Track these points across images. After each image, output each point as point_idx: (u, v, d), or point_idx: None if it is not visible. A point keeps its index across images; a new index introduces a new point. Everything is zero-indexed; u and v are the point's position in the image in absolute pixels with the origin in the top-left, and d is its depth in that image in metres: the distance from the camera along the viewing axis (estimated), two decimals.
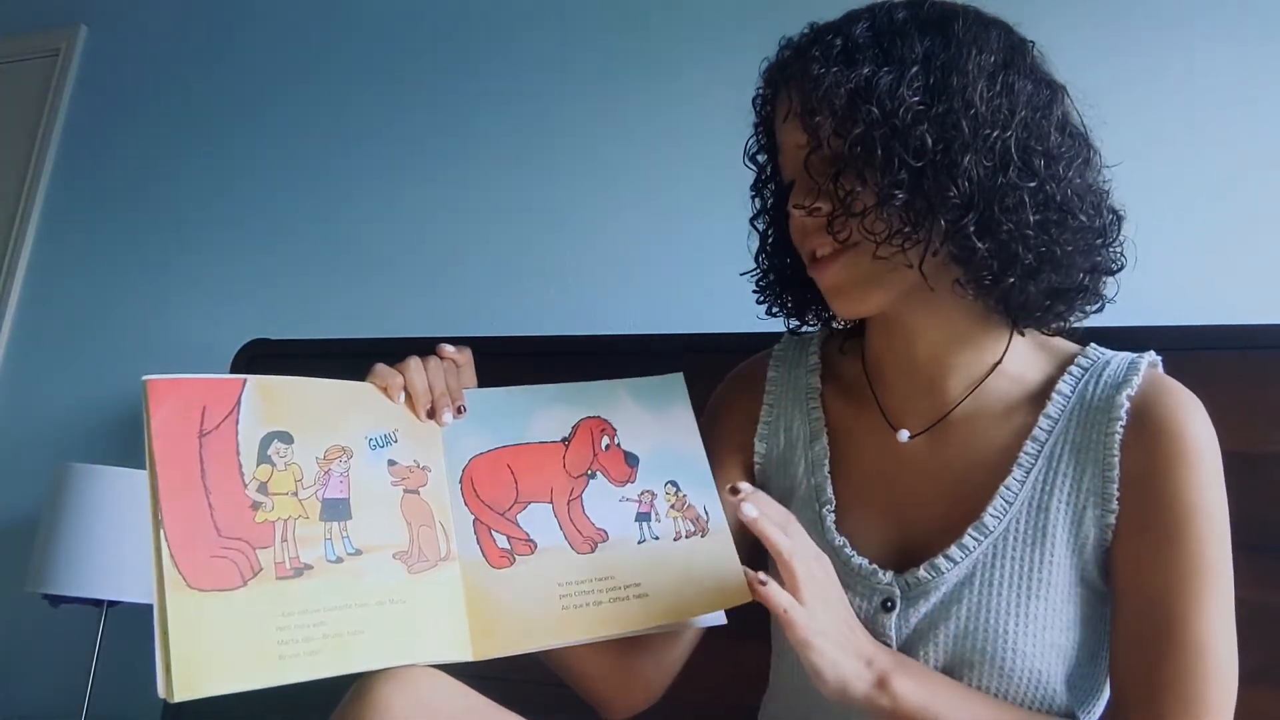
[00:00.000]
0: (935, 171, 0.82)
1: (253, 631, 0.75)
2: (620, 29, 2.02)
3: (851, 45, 0.86)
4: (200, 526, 0.77)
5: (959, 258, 0.85)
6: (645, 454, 0.98)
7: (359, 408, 0.88)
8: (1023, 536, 0.88)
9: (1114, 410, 0.88)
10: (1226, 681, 0.83)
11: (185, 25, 2.44)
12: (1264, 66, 1.58)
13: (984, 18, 0.90)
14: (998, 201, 0.82)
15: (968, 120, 0.82)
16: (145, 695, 1.90)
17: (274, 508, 0.80)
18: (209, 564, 0.76)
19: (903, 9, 0.89)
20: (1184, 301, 1.48)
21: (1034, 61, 0.89)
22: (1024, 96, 0.85)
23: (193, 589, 0.74)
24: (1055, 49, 0.93)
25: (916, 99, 0.83)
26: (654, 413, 1.00)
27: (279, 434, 0.82)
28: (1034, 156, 0.83)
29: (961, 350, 0.93)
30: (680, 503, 0.96)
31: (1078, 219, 0.85)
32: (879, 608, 0.90)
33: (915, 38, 0.85)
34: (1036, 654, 0.85)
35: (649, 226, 1.90)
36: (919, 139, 0.82)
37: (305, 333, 2.04)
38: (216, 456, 0.79)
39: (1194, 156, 1.58)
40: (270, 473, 0.81)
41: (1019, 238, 0.83)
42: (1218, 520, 0.85)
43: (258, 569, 0.77)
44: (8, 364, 2.37)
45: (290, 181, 2.22)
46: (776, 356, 1.07)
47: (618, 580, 0.89)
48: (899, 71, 0.83)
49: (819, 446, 0.99)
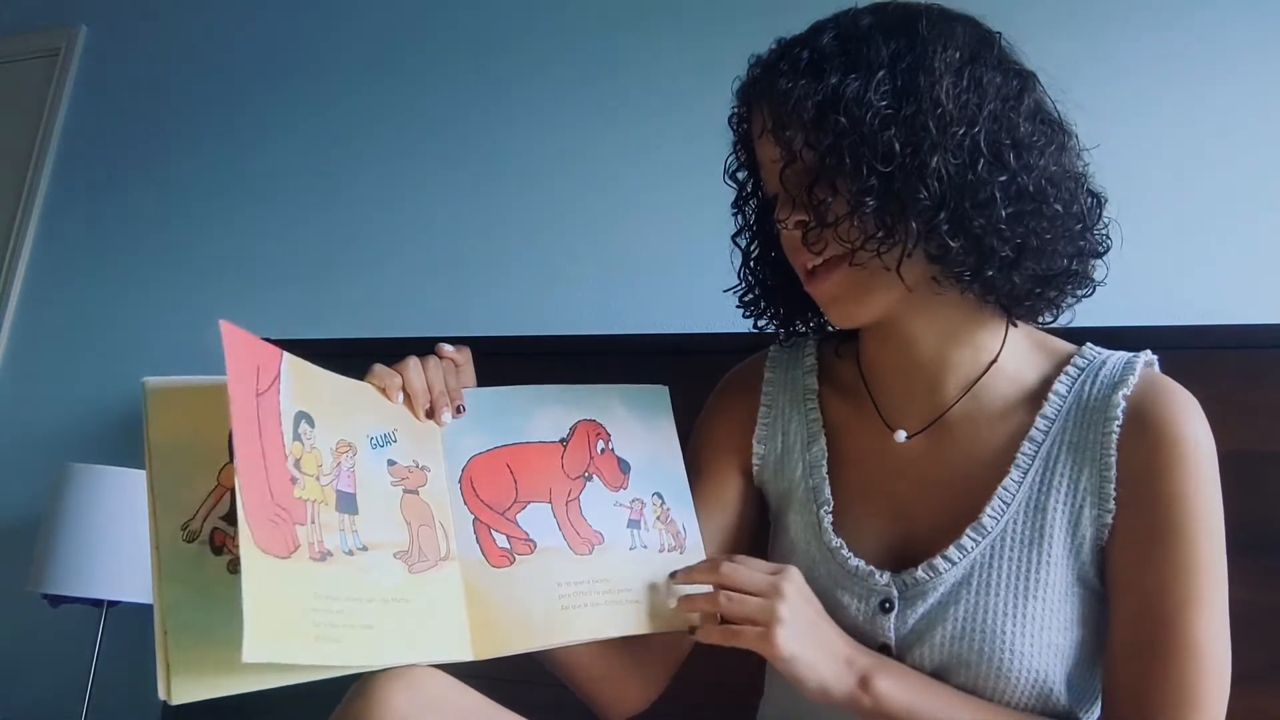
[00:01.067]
0: (905, 174, 0.82)
1: (297, 606, 0.72)
2: (620, 28, 2.02)
3: (818, 56, 0.86)
4: (260, 487, 0.73)
5: (935, 257, 0.85)
6: (636, 462, 0.98)
7: (361, 406, 0.88)
8: (1020, 537, 0.88)
9: (1110, 410, 0.88)
10: (1220, 680, 0.83)
11: (185, 25, 2.44)
12: (1266, 64, 1.58)
13: (948, 13, 0.89)
14: (969, 198, 0.82)
15: (934, 120, 0.82)
16: (145, 695, 1.90)
17: (305, 487, 0.78)
18: (268, 526, 0.72)
19: (867, 14, 0.89)
20: (1183, 301, 1.48)
21: (1002, 52, 0.89)
22: (992, 89, 0.85)
23: (258, 547, 0.70)
24: (1050, 48, 0.93)
25: (884, 103, 0.83)
26: (642, 422, 1.00)
27: (305, 415, 0.80)
28: (1004, 149, 0.83)
29: (958, 349, 0.93)
30: (664, 515, 0.96)
31: (1052, 207, 0.84)
32: (877, 609, 0.90)
33: (880, 41, 0.85)
34: (1034, 654, 0.85)
35: (650, 226, 1.90)
36: (886, 144, 0.82)
37: (305, 333, 2.04)
38: (269, 419, 0.76)
39: (1193, 156, 1.58)
40: (301, 451, 0.79)
41: (993, 231, 0.83)
42: (1213, 520, 0.85)
43: (297, 544, 0.74)
44: (8, 364, 2.37)
45: (290, 181, 2.23)
46: (772, 359, 1.07)
47: (613, 584, 0.90)
48: (865, 78, 0.83)
49: (816, 448, 0.99)
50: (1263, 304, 1.46)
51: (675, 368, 1.21)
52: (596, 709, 0.99)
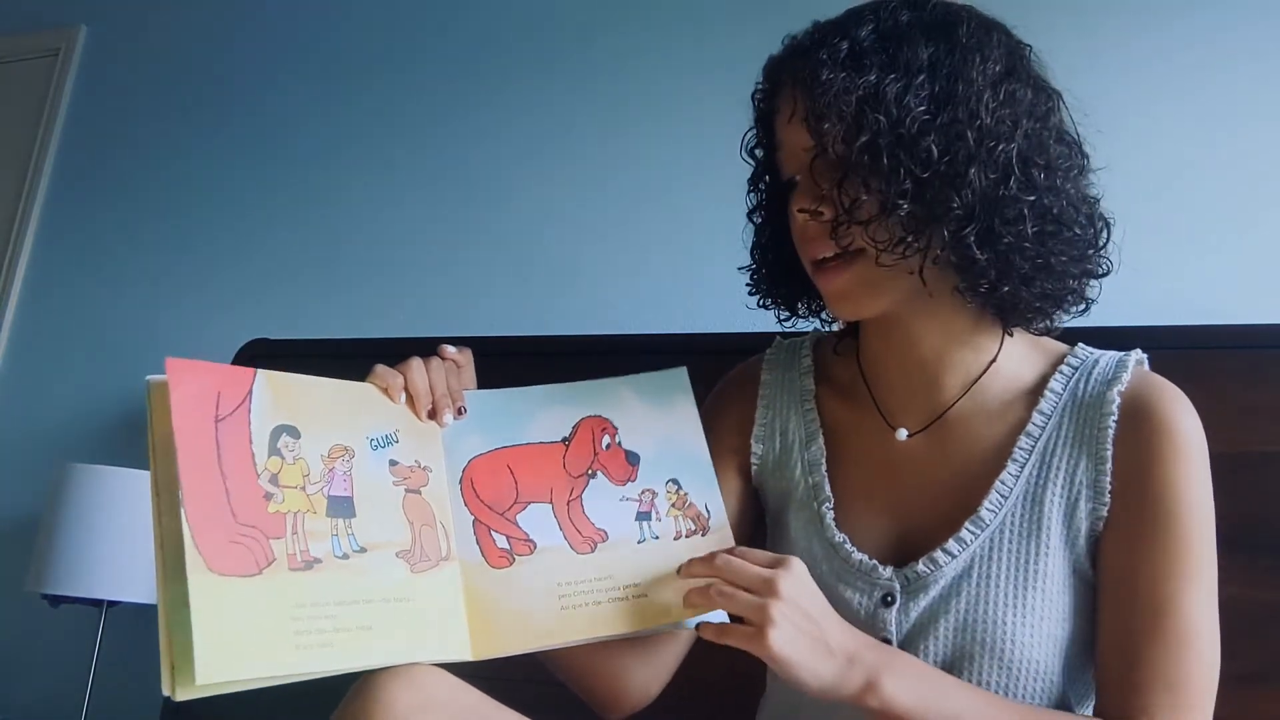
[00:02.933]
0: (940, 182, 0.83)
1: (270, 620, 0.74)
2: (618, 27, 2.02)
3: (858, 49, 0.85)
4: (219, 510, 0.75)
5: (959, 266, 0.86)
6: (648, 451, 0.98)
7: (361, 408, 0.88)
8: (1018, 529, 0.89)
9: (1106, 405, 0.90)
10: (1209, 667, 0.84)
11: (185, 25, 2.44)
12: (1265, 64, 1.58)
13: (985, 21, 0.90)
14: (999, 213, 0.83)
15: (973, 131, 0.83)
16: (145, 695, 1.90)
17: (284, 500, 0.79)
18: (228, 548, 0.74)
19: (906, 10, 0.88)
20: (1182, 301, 1.48)
21: (1032, 67, 0.90)
22: (1025, 105, 0.86)
23: (213, 572, 0.73)
24: (1049, 48, 0.94)
25: (923, 108, 0.83)
26: (657, 408, 1.00)
27: (287, 428, 0.82)
28: (1034, 169, 0.85)
29: (959, 350, 0.95)
30: (681, 501, 0.96)
31: (1072, 230, 0.86)
32: (879, 603, 0.90)
33: (921, 43, 0.85)
34: (1035, 644, 0.86)
35: (649, 225, 1.90)
36: (925, 150, 0.82)
37: (305, 333, 2.04)
38: (232, 443, 0.79)
39: (1193, 155, 1.58)
40: (280, 465, 0.80)
41: (1017, 249, 0.84)
42: (1204, 511, 0.87)
43: (272, 558, 0.76)
44: (8, 364, 2.37)
45: (290, 181, 2.22)
46: (768, 360, 1.07)
47: (616, 580, 0.90)
48: (906, 79, 0.83)
49: (815, 447, 1.00)
50: (1263, 304, 1.46)
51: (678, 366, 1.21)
52: (596, 706, 0.99)
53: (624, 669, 0.97)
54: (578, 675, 0.96)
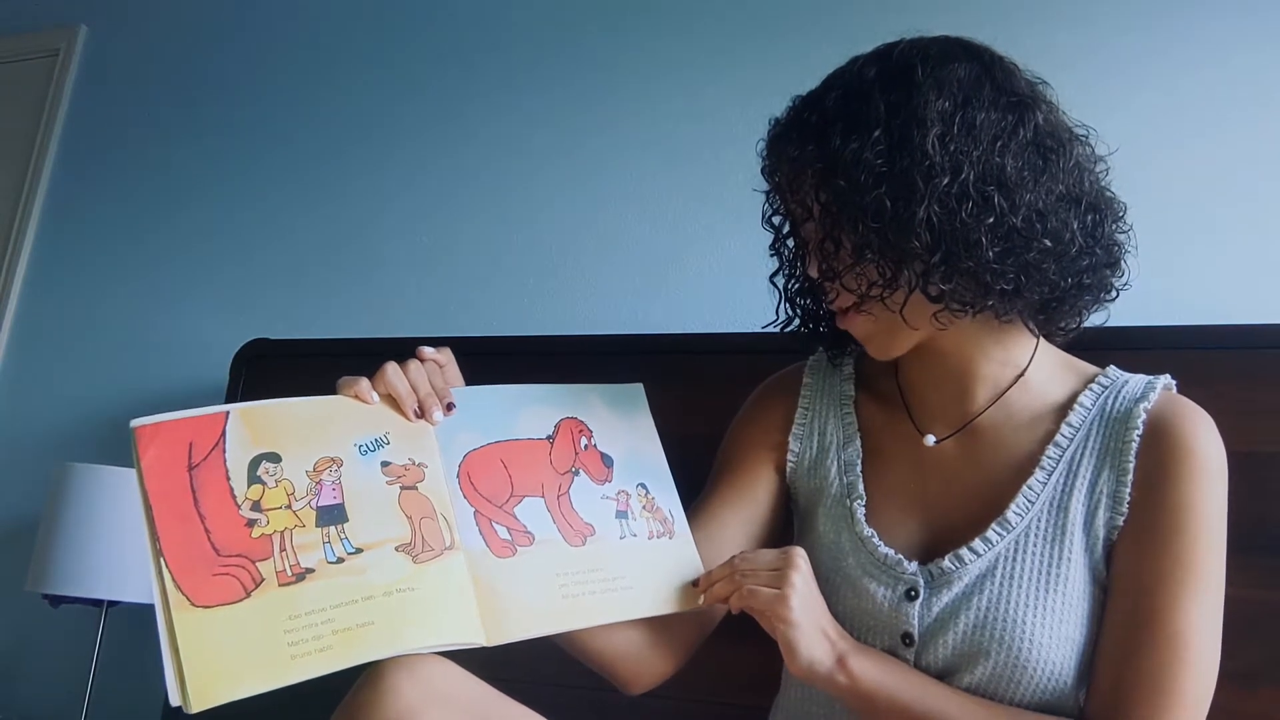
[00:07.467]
0: (897, 226, 0.87)
1: (262, 637, 0.78)
2: (617, 26, 2.02)
3: (825, 118, 0.92)
4: (198, 550, 0.81)
5: (934, 298, 0.90)
6: (618, 456, 1.02)
7: (342, 419, 0.92)
8: (1044, 533, 0.92)
9: (1132, 421, 0.94)
10: (1203, 678, 0.86)
11: (185, 25, 2.44)
12: (1265, 63, 1.58)
13: (949, 51, 0.93)
14: (959, 241, 0.87)
15: (920, 172, 0.87)
16: (145, 695, 1.90)
17: (269, 522, 0.84)
18: (210, 582, 0.79)
19: (873, 64, 0.94)
20: (1183, 301, 1.48)
21: (1000, 81, 0.92)
22: (985, 130, 0.88)
23: (197, 607, 0.78)
24: (1048, 48, 0.94)
25: (879, 161, 0.88)
26: (622, 418, 1.05)
27: (266, 455, 0.87)
28: (990, 192, 0.87)
29: (986, 362, 0.99)
30: (650, 504, 1.01)
31: (1041, 241, 0.89)
32: (903, 596, 0.93)
33: (878, 97, 0.90)
34: (1052, 645, 0.88)
35: (637, 225, 1.90)
36: (876, 201, 0.87)
37: (305, 333, 2.04)
38: (207, 485, 0.84)
39: (1193, 155, 1.58)
40: (262, 491, 0.85)
41: (984, 269, 0.88)
42: (1215, 528, 0.89)
43: (259, 580, 0.81)
44: (8, 364, 2.37)
45: (289, 181, 2.23)
46: (812, 366, 1.13)
47: (606, 573, 0.94)
48: (863, 137, 0.89)
49: (852, 449, 1.04)
50: (1263, 304, 1.47)
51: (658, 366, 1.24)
52: (616, 682, 1.02)
53: (642, 649, 1.00)
54: (596, 655, 0.99)
